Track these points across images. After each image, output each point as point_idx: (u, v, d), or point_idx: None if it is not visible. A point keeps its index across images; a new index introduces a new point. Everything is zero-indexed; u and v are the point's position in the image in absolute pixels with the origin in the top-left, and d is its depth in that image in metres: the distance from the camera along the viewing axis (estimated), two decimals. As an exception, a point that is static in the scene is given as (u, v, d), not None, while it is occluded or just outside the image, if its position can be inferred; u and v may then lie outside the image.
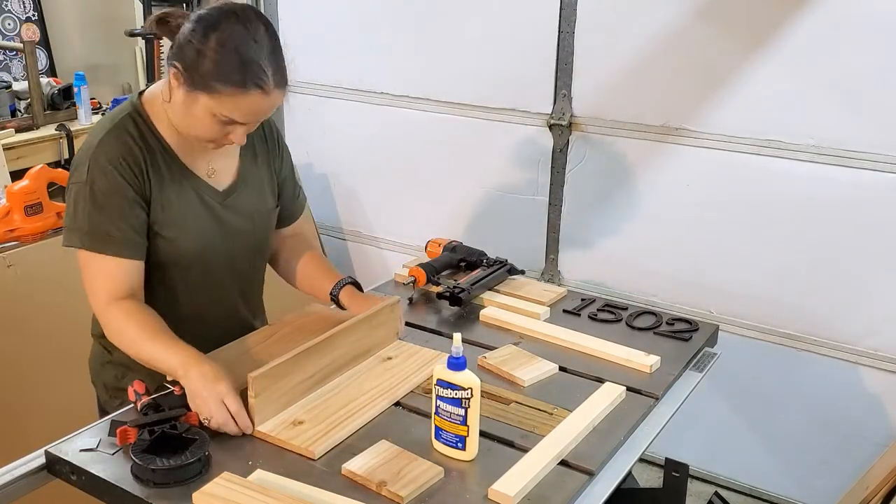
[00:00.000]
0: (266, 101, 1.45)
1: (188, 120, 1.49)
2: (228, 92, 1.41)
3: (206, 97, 1.43)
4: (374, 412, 1.49)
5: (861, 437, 2.56)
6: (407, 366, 1.65)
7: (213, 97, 1.43)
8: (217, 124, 1.47)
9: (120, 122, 1.53)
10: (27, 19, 3.69)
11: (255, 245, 1.73)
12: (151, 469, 1.26)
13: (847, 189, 2.43)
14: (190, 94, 1.45)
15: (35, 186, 2.39)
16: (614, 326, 1.88)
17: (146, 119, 1.55)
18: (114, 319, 1.50)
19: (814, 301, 2.56)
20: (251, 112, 1.46)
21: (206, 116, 1.45)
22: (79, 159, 1.53)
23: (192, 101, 1.45)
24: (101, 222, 1.49)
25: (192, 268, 1.61)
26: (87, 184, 1.49)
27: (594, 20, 2.70)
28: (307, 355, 1.51)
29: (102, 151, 1.50)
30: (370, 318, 1.66)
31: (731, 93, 2.53)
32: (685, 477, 1.82)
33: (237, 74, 1.40)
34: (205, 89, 1.42)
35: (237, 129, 1.48)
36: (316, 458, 1.36)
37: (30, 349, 2.38)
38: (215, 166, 1.63)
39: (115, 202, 1.49)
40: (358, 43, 3.21)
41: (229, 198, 1.64)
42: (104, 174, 1.49)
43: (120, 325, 1.50)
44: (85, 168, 1.50)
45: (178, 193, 1.57)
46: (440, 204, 3.17)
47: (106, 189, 1.49)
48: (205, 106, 1.44)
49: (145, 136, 1.54)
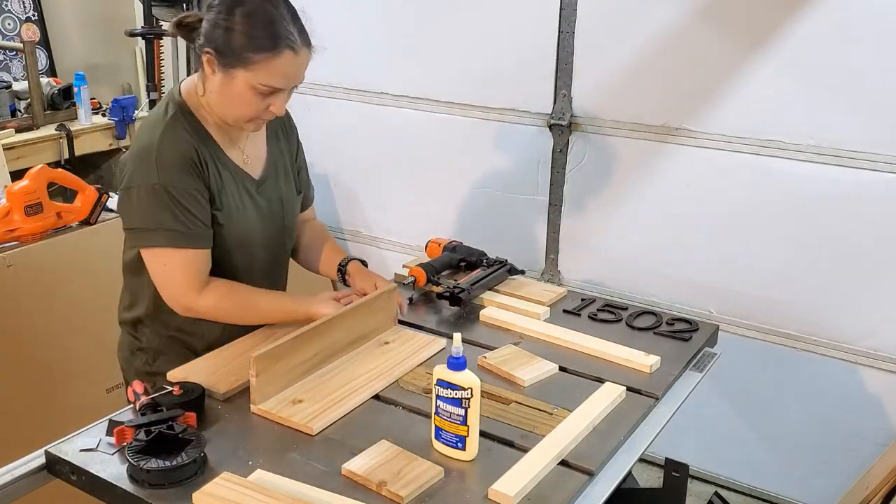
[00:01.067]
0: (297, 60, 1.55)
1: (228, 101, 1.57)
2: (263, 58, 1.50)
3: (242, 71, 1.51)
4: (370, 392, 1.54)
5: (861, 437, 2.56)
6: (404, 349, 1.70)
7: (249, 69, 1.51)
8: (257, 98, 1.54)
9: (172, 120, 1.59)
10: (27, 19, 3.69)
11: (286, 229, 1.82)
12: (146, 470, 1.26)
13: (847, 189, 2.43)
14: (227, 74, 1.53)
15: (35, 186, 2.39)
16: (614, 326, 1.88)
17: (192, 114, 1.62)
18: (216, 301, 1.61)
19: (814, 301, 2.56)
20: (287, 74, 1.55)
21: (245, 92, 1.53)
22: (139, 159, 1.57)
23: (230, 80, 1.53)
24: (182, 220, 1.56)
25: (234, 252, 1.70)
26: (161, 184, 1.54)
27: (594, 20, 2.70)
28: (307, 338, 1.55)
29: (167, 150, 1.56)
30: (368, 304, 1.71)
31: (731, 93, 2.53)
32: (685, 477, 1.82)
33: (268, 40, 1.50)
34: (241, 63, 1.51)
35: (277, 99, 1.57)
36: (314, 433, 1.40)
37: (30, 349, 2.38)
38: (248, 154, 1.72)
39: (191, 198, 1.57)
40: (358, 43, 3.21)
41: (263, 185, 1.74)
42: (175, 173, 1.55)
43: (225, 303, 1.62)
44: (153, 168, 1.55)
45: (228, 182, 1.66)
46: (440, 204, 3.17)
47: (179, 187, 1.55)
48: (243, 81, 1.52)
49: (196, 129, 1.62)
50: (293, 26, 1.55)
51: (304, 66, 1.59)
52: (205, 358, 1.62)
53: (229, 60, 1.52)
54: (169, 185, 1.55)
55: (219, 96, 1.58)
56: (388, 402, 1.53)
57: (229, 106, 1.58)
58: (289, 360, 1.52)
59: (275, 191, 1.77)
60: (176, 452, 1.29)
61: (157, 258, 1.60)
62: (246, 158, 1.72)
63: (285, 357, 1.51)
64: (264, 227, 1.74)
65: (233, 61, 1.52)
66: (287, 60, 1.53)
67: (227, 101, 1.58)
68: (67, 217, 2.47)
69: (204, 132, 1.63)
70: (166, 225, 1.56)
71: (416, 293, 2.00)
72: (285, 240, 1.85)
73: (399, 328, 1.79)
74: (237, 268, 1.72)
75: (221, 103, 1.59)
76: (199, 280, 1.61)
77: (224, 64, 1.53)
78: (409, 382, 1.59)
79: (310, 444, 1.39)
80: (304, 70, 1.61)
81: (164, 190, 1.55)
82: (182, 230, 1.57)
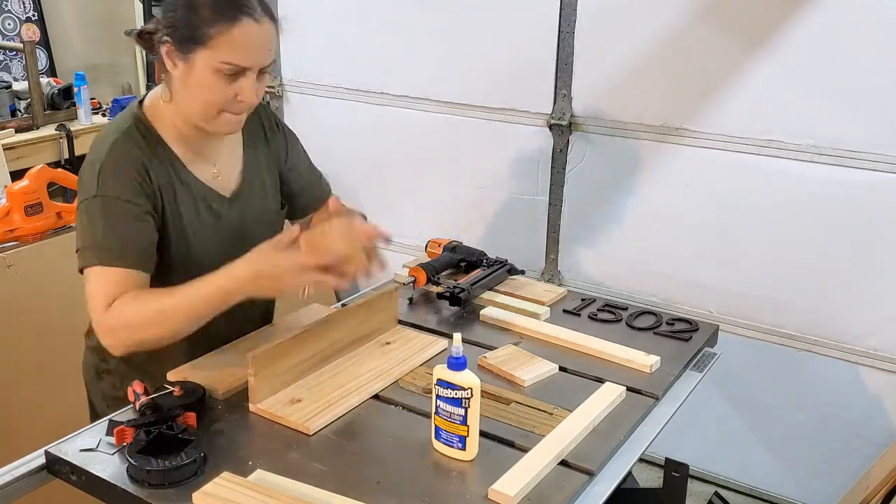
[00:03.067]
0: (260, 31, 1.42)
1: (193, 94, 1.45)
2: (221, 31, 1.39)
3: (203, 52, 1.40)
4: (370, 392, 1.53)
5: (861, 437, 2.56)
6: (405, 350, 1.69)
7: (209, 47, 1.40)
8: (222, 82, 1.42)
9: (125, 133, 1.49)
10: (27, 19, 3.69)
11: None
12: (146, 470, 1.26)
13: (847, 189, 2.43)
14: (187, 61, 1.42)
15: (35, 186, 2.39)
16: (614, 326, 1.88)
17: (150, 127, 1.52)
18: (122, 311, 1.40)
19: (814, 301, 2.56)
20: (249, 46, 1.42)
21: (209, 76, 1.42)
22: (86, 174, 1.48)
23: (191, 67, 1.42)
24: (115, 236, 1.44)
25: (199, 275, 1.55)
26: (99, 197, 1.44)
27: (594, 20, 2.70)
28: (306, 337, 1.54)
29: (111, 163, 1.46)
30: (369, 304, 1.70)
31: (731, 93, 2.53)
32: (685, 477, 1.82)
33: (223, 10, 1.39)
34: (199, 42, 1.40)
35: (244, 84, 1.44)
36: (311, 433, 1.40)
37: (30, 349, 2.38)
38: (220, 169, 1.61)
39: (128, 215, 1.45)
40: (358, 43, 3.21)
41: (236, 203, 1.63)
42: (115, 187, 1.45)
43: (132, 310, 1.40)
44: (95, 182, 1.45)
45: (185, 202, 1.54)
46: (440, 204, 3.17)
47: (118, 202, 1.44)
48: (205, 64, 1.41)
49: (151, 144, 1.51)
50: None
51: (268, 40, 1.45)
52: (205, 358, 1.62)
53: (186, 44, 1.41)
54: (107, 197, 1.43)
55: (183, 92, 1.46)
56: (387, 402, 1.53)
57: (193, 99, 1.46)
58: (288, 359, 1.51)
59: (248, 208, 1.64)
60: (176, 452, 1.29)
61: (85, 279, 1.44)
62: (216, 173, 1.59)
63: (284, 356, 1.50)
64: (235, 246, 1.54)
65: (189, 43, 1.40)
66: (247, 30, 1.40)
67: (191, 93, 1.45)
68: (67, 217, 2.47)
69: (162, 147, 1.52)
70: (95, 241, 1.43)
71: (416, 293, 2.00)
72: None
73: (401, 328, 1.79)
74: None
75: (185, 99, 1.47)
76: (112, 296, 1.41)
77: (182, 49, 1.42)
78: (409, 382, 1.59)
79: (309, 444, 1.39)
80: (271, 47, 1.47)
81: (100, 202, 1.43)
82: (109, 246, 1.43)
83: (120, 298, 1.41)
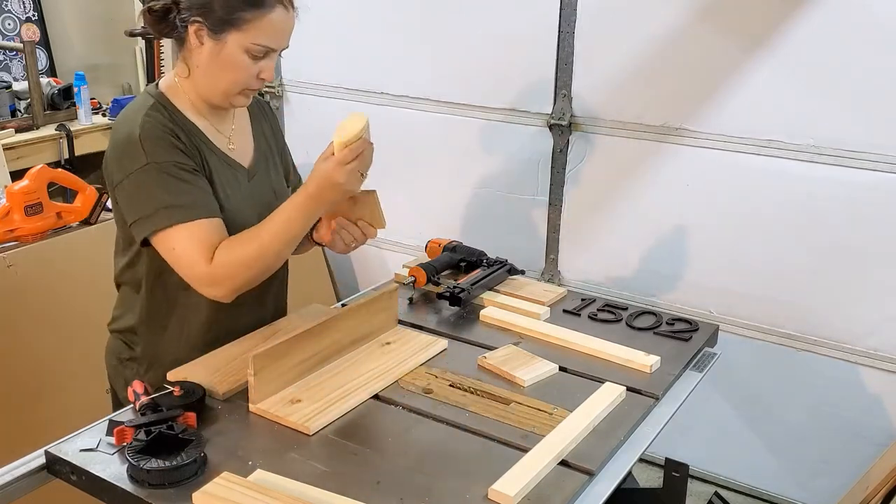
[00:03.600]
0: (288, 17, 1.53)
1: (219, 70, 1.52)
2: (256, 16, 1.48)
3: (234, 33, 1.48)
4: (370, 392, 1.53)
5: (861, 437, 2.56)
6: (405, 350, 1.69)
7: (241, 30, 1.48)
8: (249, 64, 1.51)
9: (149, 111, 1.54)
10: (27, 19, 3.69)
11: None
12: (146, 470, 1.26)
13: (847, 189, 2.43)
14: (217, 41, 1.49)
15: (35, 186, 2.39)
16: (614, 326, 1.88)
17: (170, 103, 1.58)
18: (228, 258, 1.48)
19: (814, 301, 2.56)
20: (280, 31, 1.52)
21: (238, 56, 1.50)
22: (126, 148, 1.50)
23: (221, 47, 1.50)
24: (184, 194, 1.49)
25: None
26: (150, 164, 1.48)
27: (594, 20, 2.70)
28: (306, 337, 1.54)
29: (149, 133, 1.50)
30: (369, 304, 1.70)
31: (731, 93, 2.53)
32: (685, 477, 1.82)
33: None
34: (232, 24, 1.48)
35: (268, 64, 1.54)
36: (311, 433, 1.40)
37: (30, 349, 2.38)
38: (235, 142, 1.67)
39: (186, 173, 1.51)
40: (358, 43, 3.21)
41: (255, 175, 1.70)
42: (163, 152, 1.49)
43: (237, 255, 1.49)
44: (141, 152, 1.48)
45: (216, 169, 1.60)
46: (440, 204, 3.17)
47: (171, 165, 1.49)
48: (235, 44, 1.49)
49: (175, 119, 1.56)
50: None
51: (292, 26, 1.56)
52: (205, 358, 1.62)
53: (220, 25, 1.48)
54: (160, 163, 1.48)
55: (208, 68, 1.53)
56: (387, 402, 1.53)
57: (220, 76, 1.53)
58: (288, 359, 1.51)
59: (266, 181, 1.73)
60: (176, 452, 1.29)
61: (164, 242, 1.50)
62: (232, 147, 1.66)
63: (284, 356, 1.50)
64: (259, 216, 1.63)
65: (224, 25, 1.48)
66: (280, 17, 1.51)
67: (218, 70, 1.52)
68: (67, 217, 2.47)
69: (186, 121, 1.58)
70: (164, 203, 1.47)
71: (416, 293, 2.00)
72: None
73: (400, 328, 1.79)
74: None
75: (210, 75, 1.54)
76: (208, 250, 1.48)
77: (214, 30, 1.49)
78: (409, 382, 1.59)
79: (309, 444, 1.39)
80: (292, 32, 1.58)
81: (155, 168, 1.48)
82: (182, 203, 1.48)
83: (218, 249, 1.49)
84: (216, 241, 1.50)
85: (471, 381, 1.59)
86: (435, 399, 1.53)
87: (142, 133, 1.49)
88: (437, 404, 1.51)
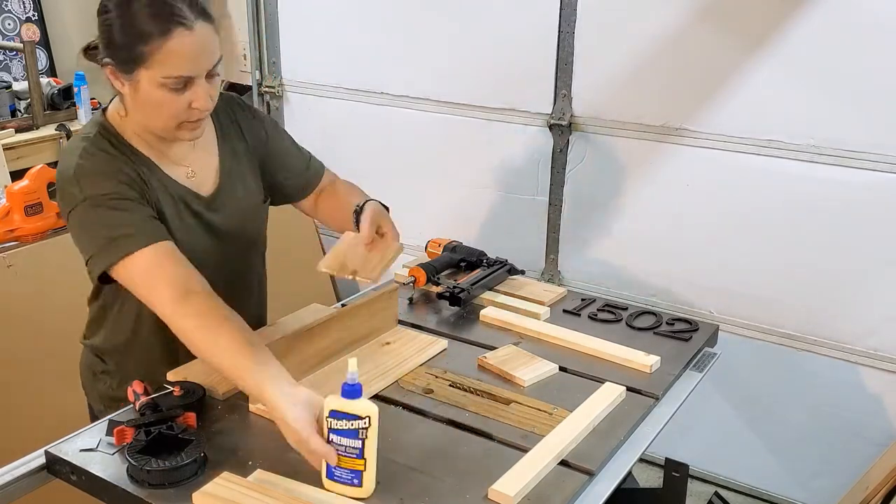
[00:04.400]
0: (195, 37, 1.35)
1: (147, 111, 1.42)
2: (157, 47, 1.33)
3: (143, 71, 1.35)
4: (370, 392, 1.52)
5: (861, 437, 2.56)
6: (406, 349, 1.69)
7: (147, 66, 1.35)
8: (172, 97, 1.37)
9: (92, 140, 1.46)
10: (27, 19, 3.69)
11: (247, 243, 1.69)
12: (146, 470, 1.26)
13: (847, 189, 2.43)
14: (131, 81, 1.37)
15: (35, 186, 2.40)
16: (614, 326, 1.88)
17: (115, 132, 1.49)
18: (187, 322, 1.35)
19: (814, 301, 2.56)
20: (189, 56, 1.36)
21: (157, 94, 1.37)
22: (65, 185, 1.43)
23: (137, 88, 1.38)
24: (122, 222, 1.40)
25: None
26: (86, 200, 1.40)
27: (594, 20, 2.70)
28: (306, 337, 1.55)
29: (86, 167, 1.42)
30: (369, 304, 1.70)
31: (731, 93, 2.53)
32: (685, 477, 1.82)
33: (152, 25, 1.33)
34: (137, 62, 1.35)
35: (195, 91, 1.39)
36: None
37: (30, 349, 2.38)
38: (194, 169, 1.57)
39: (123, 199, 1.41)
40: (358, 43, 3.21)
41: (216, 201, 1.58)
42: (99, 186, 1.41)
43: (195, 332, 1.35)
44: (77, 188, 1.41)
45: (166, 201, 1.51)
46: (440, 204, 3.17)
47: (107, 198, 1.41)
48: (149, 82, 1.36)
49: (121, 149, 1.47)
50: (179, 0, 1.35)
51: (208, 42, 1.38)
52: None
53: (126, 64, 1.36)
54: (94, 195, 1.40)
55: (135, 109, 1.43)
56: (387, 402, 1.53)
57: (149, 114, 1.43)
58: (288, 359, 1.50)
59: (231, 203, 1.60)
60: (176, 452, 1.29)
61: (120, 275, 1.41)
62: (191, 174, 1.55)
63: (284, 356, 1.49)
64: (219, 243, 1.58)
65: (129, 63, 1.35)
66: (182, 41, 1.34)
67: (147, 111, 1.42)
68: (67, 217, 2.47)
69: (132, 151, 1.48)
70: (107, 237, 1.39)
71: (416, 293, 2.00)
72: (250, 255, 1.72)
73: (401, 328, 1.79)
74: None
75: (142, 115, 1.44)
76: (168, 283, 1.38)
77: (124, 69, 1.37)
78: (409, 382, 1.59)
79: (310, 444, 1.39)
80: (214, 48, 1.40)
81: (91, 203, 1.39)
82: (125, 234, 1.39)
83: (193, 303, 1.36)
84: (178, 269, 1.40)
85: (471, 381, 1.59)
86: (435, 399, 1.53)
87: (77, 169, 1.42)
88: (437, 404, 1.51)
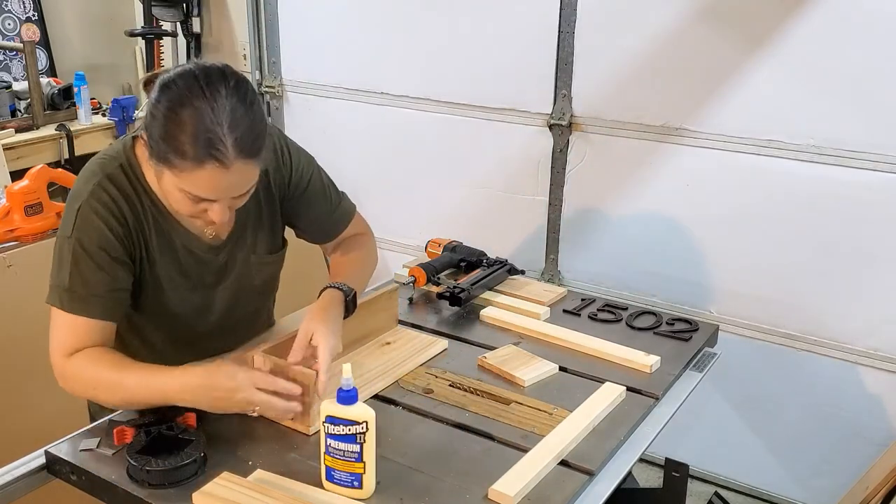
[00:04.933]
0: (226, 175, 1.28)
1: (164, 191, 1.39)
2: (184, 166, 1.27)
3: (168, 172, 1.30)
4: (370, 392, 1.53)
5: (861, 437, 2.56)
6: (406, 349, 1.69)
7: (173, 172, 1.30)
8: (189, 200, 1.33)
9: (110, 174, 1.42)
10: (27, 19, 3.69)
11: (259, 288, 1.67)
12: (146, 470, 1.26)
13: (847, 189, 2.43)
14: (157, 166, 1.33)
15: (35, 186, 2.39)
16: (614, 326, 1.88)
17: (136, 169, 1.45)
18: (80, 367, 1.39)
19: (814, 301, 2.56)
20: (213, 189, 1.30)
21: (175, 191, 1.33)
22: (67, 208, 1.43)
23: (161, 173, 1.33)
24: (83, 284, 1.39)
25: (180, 321, 1.55)
26: (73, 239, 1.39)
27: (594, 20, 2.70)
28: None
29: (90, 206, 1.40)
30: (369, 304, 1.70)
31: (731, 93, 2.53)
32: (685, 477, 1.82)
33: (190, 146, 1.25)
34: (165, 163, 1.29)
35: (213, 206, 1.34)
36: (311, 433, 1.40)
37: (30, 349, 2.38)
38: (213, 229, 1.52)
39: (100, 262, 1.40)
40: (358, 43, 3.21)
41: (224, 249, 1.55)
42: (91, 231, 1.39)
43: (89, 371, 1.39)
44: (72, 222, 1.40)
45: (163, 251, 1.48)
46: (440, 204, 3.17)
47: (91, 247, 1.39)
48: (170, 181, 1.32)
49: (135, 188, 1.44)
50: (229, 133, 1.26)
51: (242, 179, 1.32)
52: (205, 360, 1.61)
53: (157, 155, 1.30)
54: (81, 240, 1.38)
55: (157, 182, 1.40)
56: (387, 402, 1.53)
57: (164, 197, 1.41)
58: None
59: (238, 250, 1.57)
60: (176, 452, 1.29)
61: (52, 317, 1.42)
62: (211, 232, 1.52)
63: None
64: (227, 292, 1.57)
65: (160, 157, 1.30)
66: (212, 175, 1.27)
67: (164, 192, 1.39)
68: (67, 217, 2.46)
69: (145, 193, 1.44)
70: (66, 284, 1.39)
71: (416, 293, 2.00)
72: (258, 298, 1.69)
73: (400, 328, 1.79)
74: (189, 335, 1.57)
75: (159, 190, 1.42)
76: (72, 345, 1.40)
77: (153, 155, 1.31)
78: (409, 382, 1.59)
79: (309, 444, 1.39)
80: (246, 182, 1.34)
81: (74, 245, 1.39)
82: (80, 295, 1.39)
83: (82, 353, 1.40)
84: (87, 344, 1.40)
85: (471, 381, 1.59)
86: (435, 399, 1.53)
87: (83, 203, 1.40)
88: (437, 404, 1.51)
